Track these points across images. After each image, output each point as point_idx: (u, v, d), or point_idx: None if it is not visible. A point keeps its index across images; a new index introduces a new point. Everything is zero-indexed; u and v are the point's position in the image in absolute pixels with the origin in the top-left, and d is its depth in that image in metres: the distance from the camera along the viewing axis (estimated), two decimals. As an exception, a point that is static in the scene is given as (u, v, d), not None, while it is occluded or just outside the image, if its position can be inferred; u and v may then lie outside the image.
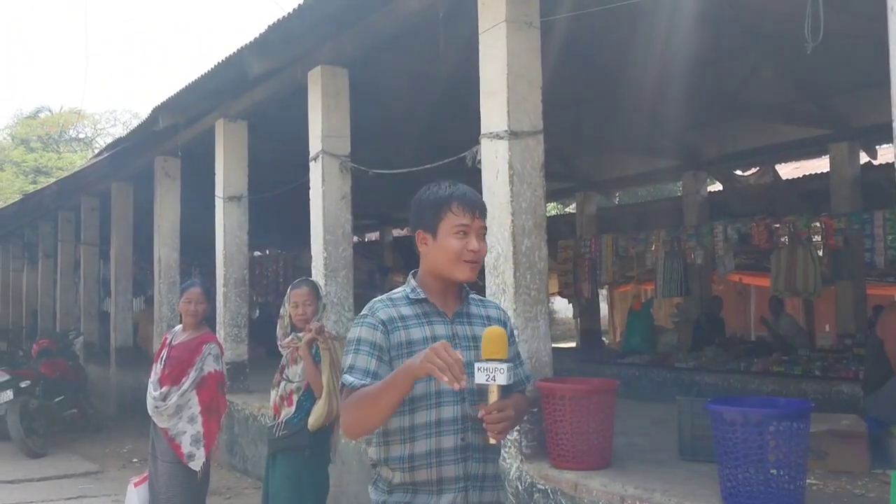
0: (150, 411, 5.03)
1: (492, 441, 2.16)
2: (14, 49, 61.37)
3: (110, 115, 39.45)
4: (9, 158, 35.17)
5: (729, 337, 11.87)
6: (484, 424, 2.13)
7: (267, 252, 20.39)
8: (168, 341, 5.14)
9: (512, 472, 4.67)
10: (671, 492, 3.91)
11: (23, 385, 9.47)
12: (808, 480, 3.77)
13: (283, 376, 4.57)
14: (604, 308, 19.05)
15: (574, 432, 4.38)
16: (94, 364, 13.57)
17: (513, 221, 4.73)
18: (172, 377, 5.00)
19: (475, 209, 2.34)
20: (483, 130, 4.93)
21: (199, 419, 4.96)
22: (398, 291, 2.42)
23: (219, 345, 5.18)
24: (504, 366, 2.11)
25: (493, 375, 2.10)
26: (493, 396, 2.11)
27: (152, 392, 5.00)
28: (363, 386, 2.23)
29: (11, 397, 9.23)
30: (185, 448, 4.92)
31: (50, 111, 39.84)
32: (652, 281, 13.07)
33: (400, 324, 2.32)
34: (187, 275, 15.39)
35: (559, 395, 4.44)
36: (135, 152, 10.53)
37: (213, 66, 7.12)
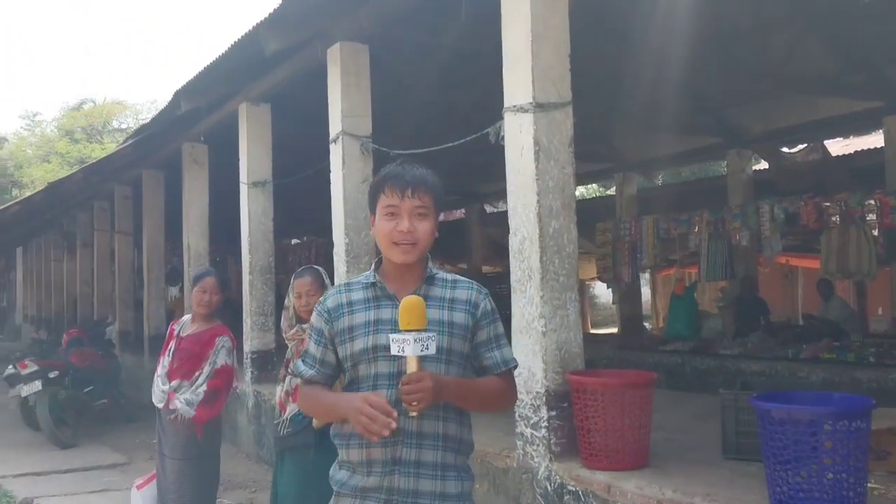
0: (155, 402, 4.81)
1: (412, 413, 2.13)
2: (62, 42, 62.29)
3: (152, 106, 39.81)
4: (54, 150, 35.71)
5: (776, 321, 11.36)
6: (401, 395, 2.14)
7: (304, 239, 20.28)
8: (176, 332, 4.90)
9: (540, 472, 4.35)
10: (714, 496, 3.56)
11: (51, 375, 9.39)
12: (868, 484, 3.38)
13: (289, 370, 4.28)
14: (646, 293, 18.53)
15: (607, 430, 4.04)
16: (130, 353, 13.56)
17: (539, 202, 4.38)
18: (182, 371, 4.77)
19: (406, 188, 2.30)
20: (506, 104, 4.58)
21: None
22: (361, 276, 2.45)
23: (231, 338, 4.92)
24: (411, 336, 2.10)
25: (401, 347, 2.11)
26: (411, 367, 2.11)
27: (160, 385, 4.78)
28: (311, 376, 2.37)
29: (40, 388, 9.15)
30: (178, 403, 4.73)
31: (93, 102, 40.36)
32: (695, 264, 12.59)
33: (346, 310, 2.34)
34: (223, 264, 15.38)
35: (590, 389, 4.10)
36: (161, 139, 10.37)
37: (229, 46, 6.85)
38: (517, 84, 4.50)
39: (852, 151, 11.66)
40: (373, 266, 2.42)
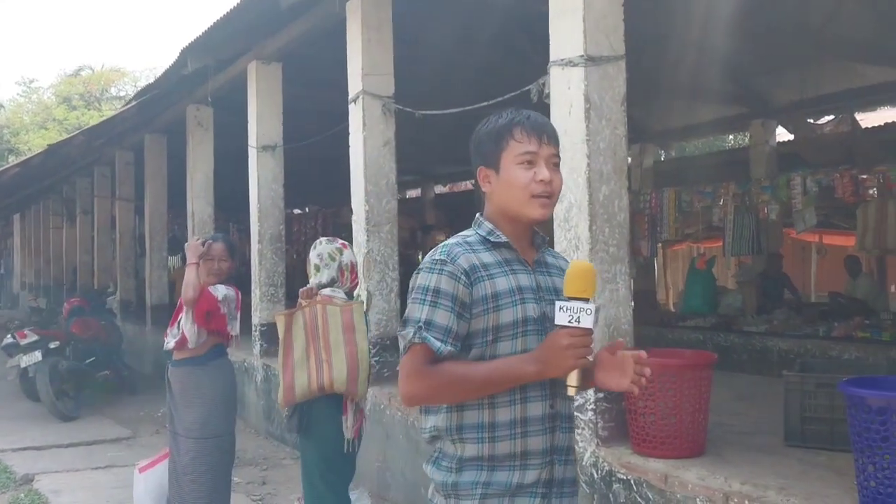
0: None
1: (570, 392, 1.89)
2: (60, 6, 61.34)
3: (151, 73, 39.17)
4: (51, 117, 35.21)
5: (798, 299, 11.02)
6: (635, 373, 1.92)
7: (308, 209, 19.91)
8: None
9: (586, 458, 4.01)
10: (789, 490, 3.21)
11: (52, 346, 9.08)
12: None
13: None
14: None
15: (663, 414, 3.70)
16: (131, 323, 13.28)
17: (589, 165, 4.00)
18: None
19: (542, 133, 2.01)
20: (553, 57, 4.17)
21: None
22: (469, 234, 2.06)
23: (235, 289, 4.62)
24: (590, 306, 1.82)
25: (577, 317, 1.82)
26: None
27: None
28: (449, 353, 1.92)
29: (40, 358, 8.84)
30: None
31: (91, 69, 39.74)
32: (711, 238, 12.21)
33: (483, 273, 1.97)
34: (224, 231, 15.03)
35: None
36: (165, 100, 9.96)
37: (243, -1, 6.43)
38: (566, 35, 4.10)
39: (882, 123, 11.25)
40: (488, 224, 2.05)
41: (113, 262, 15.29)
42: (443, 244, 2.02)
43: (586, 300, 1.83)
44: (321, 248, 4.06)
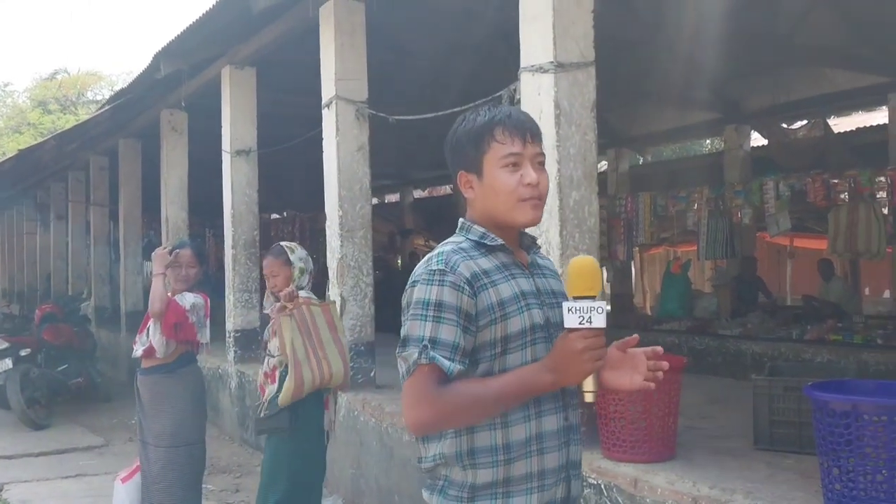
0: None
1: (588, 399, 1.76)
2: (33, 11, 60.75)
3: (127, 76, 38.85)
4: (26, 121, 34.82)
5: (773, 302, 11.13)
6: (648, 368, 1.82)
7: (286, 214, 19.82)
8: None
9: (557, 463, 4.01)
10: (756, 494, 3.23)
11: (23, 353, 8.95)
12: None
13: (267, 351, 4.07)
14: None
15: (633, 418, 3.71)
16: (106, 329, 13.16)
17: (559, 171, 4.01)
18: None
19: (525, 132, 1.87)
20: (523, 63, 4.19)
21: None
22: (459, 240, 1.90)
23: (204, 296, 4.57)
24: (600, 304, 1.69)
25: (588, 317, 1.68)
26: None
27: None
28: (460, 372, 1.76)
29: (11, 366, 8.71)
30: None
31: (67, 73, 39.36)
32: (687, 242, 12.31)
33: (486, 280, 1.82)
34: (199, 236, 14.94)
35: (615, 374, 3.75)
36: (139, 105, 9.89)
37: (215, 2, 6.39)
38: (536, 42, 4.12)
39: (854, 128, 11.40)
40: (467, 227, 1.92)
41: (87, 268, 15.16)
42: (437, 252, 1.86)
43: (593, 298, 1.70)
44: (300, 253, 4.20)
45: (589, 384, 1.75)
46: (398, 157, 13.95)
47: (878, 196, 8.13)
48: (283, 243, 4.33)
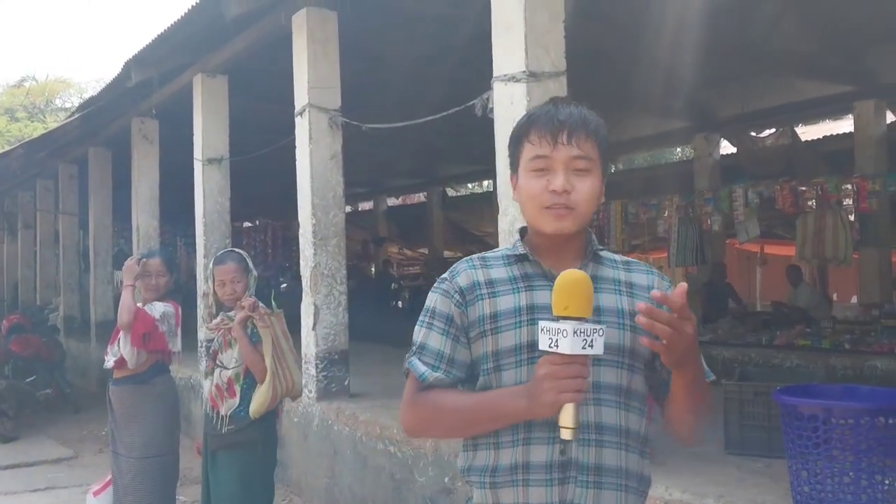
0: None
1: (564, 435, 1.51)
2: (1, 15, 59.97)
3: (97, 84, 38.43)
4: (-8, 129, 34.32)
5: (743, 308, 11.27)
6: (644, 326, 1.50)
7: (258, 222, 19.73)
8: None
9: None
10: (727, 497, 3.28)
11: (-10, 365, 8.82)
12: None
13: (217, 362, 3.98)
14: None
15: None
16: (75, 339, 12.98)
17: (531, 178, 4.04)
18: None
19: (559, 131, 1.67)
20: (496, 73, 4.22)
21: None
22: (500, 248, 1.85)
23: (174, 305, 4.55)
24: (566, 326, 1.46)
25: (554, 340, 1.48)
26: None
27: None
28: (437, 380, 1.70)
29: (-22, 378, 8.59)
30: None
31: (35, 80, 38.85)
32: (658, 249, 12.44)
33: (485, 290, 1.72)
34: (171, 245, 14.82)
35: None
36: (109, 113, 9.80)
37: (187, 10, 6.36)
38: (508, 52, 4.15)
39: (821, 136, 11.60)
40: (518, 236, 1.80)
41: (56, 278, 14.96)
42: (459, 261, 1.82)
43: (572, 319, 1.49)
44: (251, 262, 4.16)
45: (565, 418, 1.52)
46: (372, 164, 13.94)
47: (844, 203, 8.29)
48: (235, 250, 4.31)
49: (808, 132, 12.10)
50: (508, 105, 4.15)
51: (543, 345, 1.50)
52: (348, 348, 6.20)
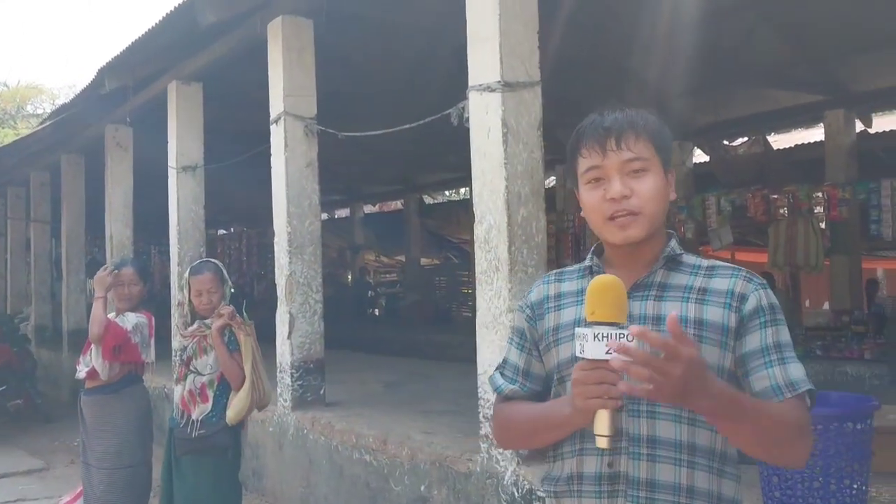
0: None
1: (599, 444, 1.48)
2: (-33, 21, 59.19)
3: (70, 90, 38.05)
4: (-37, 136, 33.89)
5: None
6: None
7: (233, 230, 19.64)
8: None
9: (507, 477, 4.05)
10: None
11: (-41, 376, 8.69)
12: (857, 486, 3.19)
13: (191, 369, 4.02)
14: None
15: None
16: (47, 349, 12.81)
17: (507, 187, 4.07)
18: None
19: (607, 139, 1.63)
20: (471, 82, 4.25)
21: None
22: (583, 262, 1.80)
23: (147, 316, 4.52)
24: (587, 331, 1.44)
25: (581, 345, 1.46)
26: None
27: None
28: (513, 392, 1.76)
29: (-53, 388, 8.45)
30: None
31: (6, 86, 38.42)
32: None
33: (553, 304, 1.74)
34: (144, 253, 14.70)
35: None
36: (83, 120, 9.70)
37: (161, 18, 6.34)
38: (484, 61, 4.18)
39: (793, 145, 11.77)
40: (591, 249, 1.79)
41: (27, 286, 14.79)
42: None
43: (603, 324, 1.46)
44: (226, 272, 4.22)
45: (600, 426, 1.48)
46: (349, 172, 13.94)
47: (815, 211, 8.41)
48: (212, 260, 4.35)
49: (781, 141, 12.28)
50: (484, 114, 4.18)
51: (577, 351, 1.50)
52: (324, 357, 6.18)
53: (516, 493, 4.00)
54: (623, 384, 1.42)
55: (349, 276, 19.11)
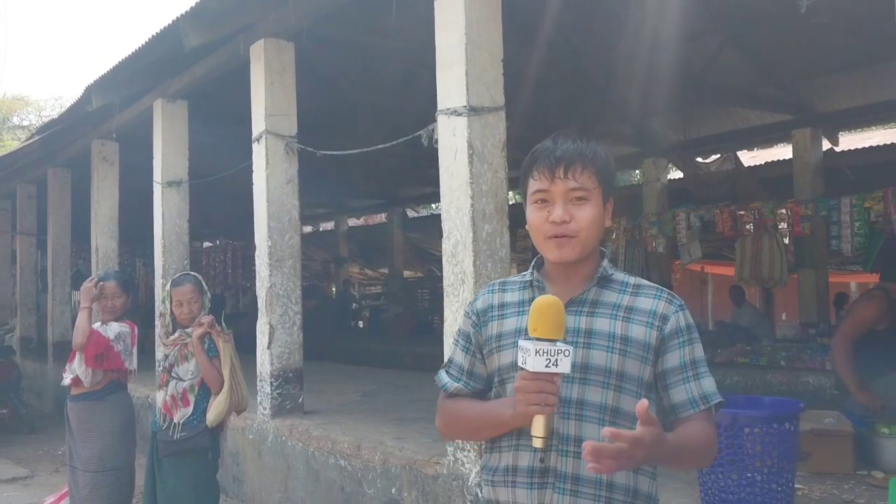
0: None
1: (535, 444, 1.70)
2: (-47, 32, 59.08)
3: (56, 102, 38.11)
4: (-51, 147, 33.82)
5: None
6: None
7: (218, 242, 19.79)
8: None
9: (471, 479, 4.28)
10: (646, 501, 3.55)
11: (-55, 386, 8.82)
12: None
13: (173, 375, 4.28)
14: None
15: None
16: (31, 360, 12.93)
17: (472, 205, 4.33)
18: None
19: (557, 167, 1.82)
20: (440, 106, 4.51)
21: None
22: (526, 272, 1.99)
23: (130, 325, 4.75)
24: (529, 345, 1.65)
25: (524, 358, 1.67)
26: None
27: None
28: (457, 390, 1.96)
29: (-67, 398, 8.58)
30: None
31: (-8, 98, 38.39)
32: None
33: (497, 313, 1.94)
34: (129, 266, 14.84)
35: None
36: (69, 135, 9.90)
37: (147, 40, 6.57)
38: (451, 87, 4.45)
39: (762, 162, 12.09)
40: (532, 263, 1.98)
41: (13, 298, 14.88)
42: None
43: (542, 340, 1.66)
44: (205, 284, 4.48)
45: (537, 428, 1.69)
46: (332, 186, 14.17)
47: (780, 227, 8.70)
48: (192, 273, 4.63)
49: (753, 157, 12.61)
50: (451, 136, 4.45)
51: (520, 361, 1.70)
52: (303, 366, 6.40)
53: (479, 494, 4.23)
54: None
55: (333, 289, 19.29)
